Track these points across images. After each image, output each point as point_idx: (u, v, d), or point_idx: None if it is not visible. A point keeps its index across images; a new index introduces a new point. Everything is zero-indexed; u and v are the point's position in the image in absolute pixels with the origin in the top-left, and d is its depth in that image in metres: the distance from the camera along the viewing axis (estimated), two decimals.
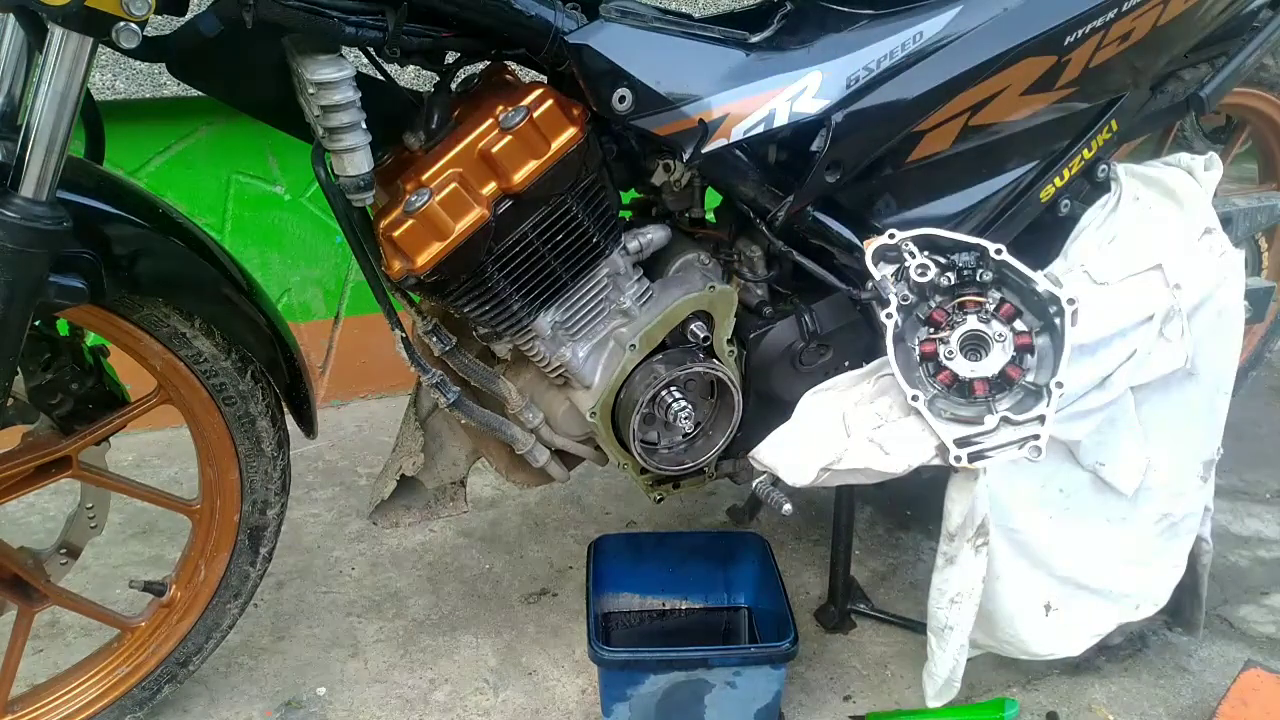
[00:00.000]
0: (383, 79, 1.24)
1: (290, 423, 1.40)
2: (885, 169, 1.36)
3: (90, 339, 1.29)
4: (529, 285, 1.25)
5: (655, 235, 1.36)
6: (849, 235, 1.36)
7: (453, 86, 1.25)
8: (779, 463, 1.28)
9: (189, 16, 1.08)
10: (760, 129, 1.24)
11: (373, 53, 1.17)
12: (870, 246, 1.27)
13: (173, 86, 1.95)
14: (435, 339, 1.31)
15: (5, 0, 0.98)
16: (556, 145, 1.17)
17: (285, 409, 1.38)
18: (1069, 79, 1.37)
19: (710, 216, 1.46)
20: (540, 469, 1.44)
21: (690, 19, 1.31)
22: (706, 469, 1.49)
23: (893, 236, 1.27)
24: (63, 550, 1.39)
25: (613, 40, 1.17)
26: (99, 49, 1.00)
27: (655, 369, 1.35)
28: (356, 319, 2.36)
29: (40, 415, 1.28)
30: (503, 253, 1.20)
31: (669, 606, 1.67)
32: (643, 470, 1.44)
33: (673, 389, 1.36)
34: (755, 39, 1.28)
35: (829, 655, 1.64)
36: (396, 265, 1.18)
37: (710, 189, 1.40)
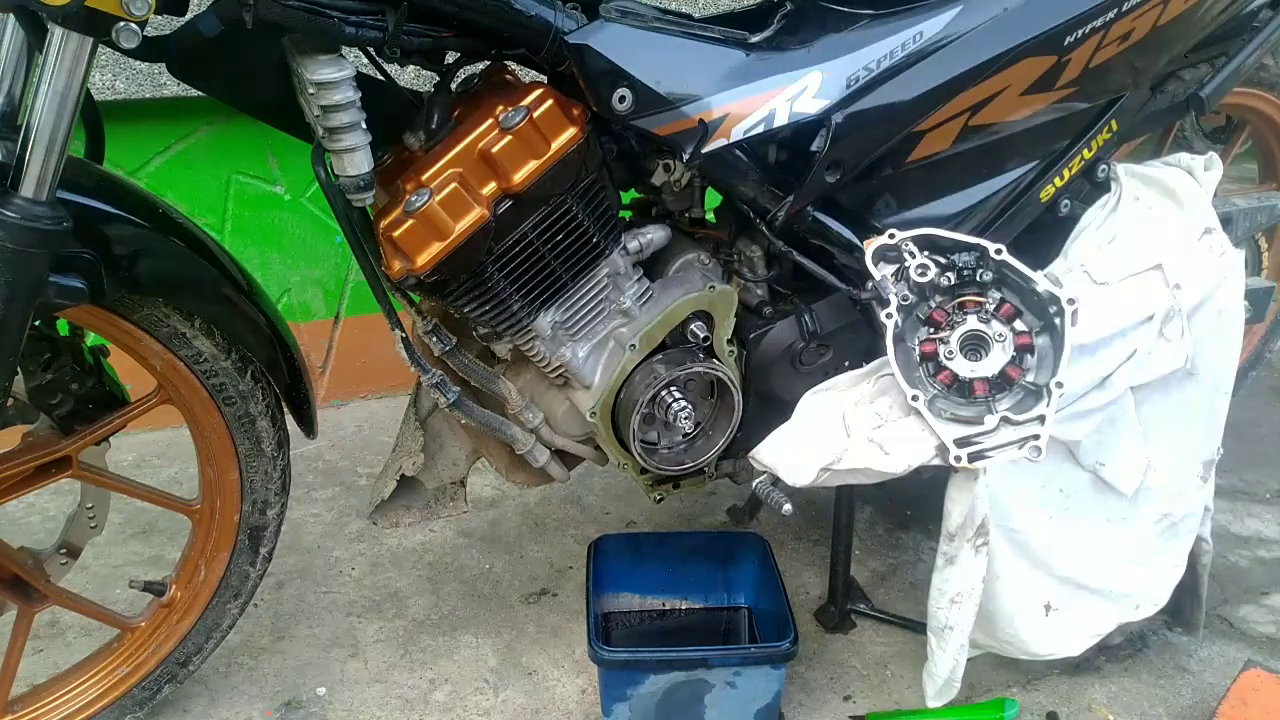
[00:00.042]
0: (383, 79, 1.24)
1: (290, 423, 1.40)
2: (885, 169, 1.36)
3: (90, 339, 1.29)
4: (529, 285, 1.25)
5: (655, 235, 1.36)
6: (849, 235, 1.36)
7: (453, 86, 1.25)
8: (779, 463, 1.28)
9: (189, 16, 1.08)
10: (760, 129, 1.24)
11: (373, 53, 1.17)
12: (870, 246, 1.27)
13: (173, 86, 1.95)
14: (435, 339, 1.31)
15: (5, 1, 0.98)
16: (556, 145, 1.17)
17: (285, 409, 1.38)
18: (1069, 79, 1.37)
19: (710, 216, 1.46)
20: (540, 469, 1.44)
21: (690, 19, 1.31)
22: (706, 469, 1.49)
23: (893, 236, 1.27)
24: (63, 550, 1.39)
25: (613, 40, 1.17)
26: (99, 49, 1.00)
27: (655, 369, 1.35)
28: (356, 319, 2.36)
29: (40, 415, 1.28)
30: (503, 253, 1.21)
31: (669, 606, 1.67)
32: (643, 470, 1.44)
33: (673, 389, 1.36)
34: (755, 39, 1.28)
35: (829, 655, 1.64)
36: (396, 265, 1.18)
37: (710, 189, 1.40)
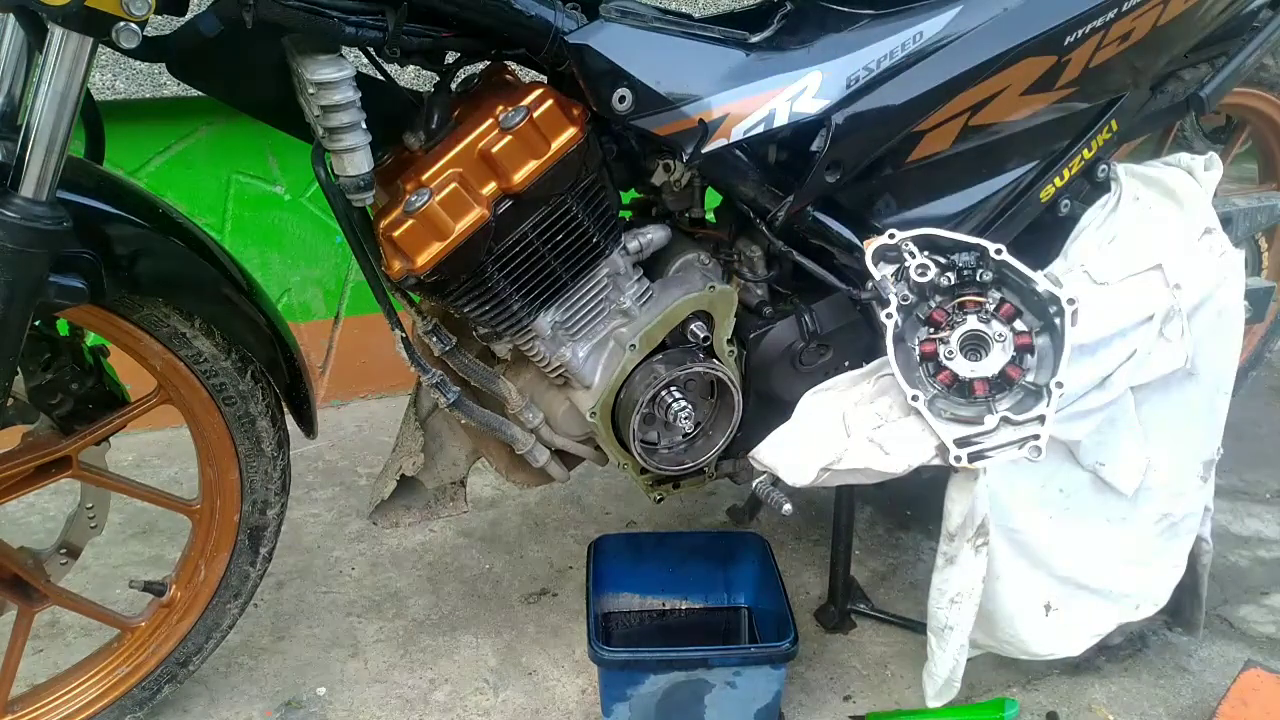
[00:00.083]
0: (383, 79, 1.24)
1: (290, 423, 1.40)
2: (885, 169, 1.36)
3: (90, 339, 1.29)
4: (529, 285, 1.25)
5: (655, 235, 1.36)
6: (849, 235, 1.36)
7: (453, 86, 1.25)
8: (779, 463, 1.28)
9: (189, 16, 1.08)
10: (760, 129, 1.24)
11: (373, 53, 1.17)
12: (870, 246, 1.27)
13: (173, 86, 1.95)
14: (435, 339, 1.31)
15: (5, 1, 0.98)
16: (556, 145, 1.17)
17: (285, 409, 1.38)
18: (1069, 79, 1.37)
19: (710, 216, 1.46)
20: (540, 469, 1.44)
21: (690, 19, 1.31)
22: (706, 469, 1.48)
23: (893, 236, 1.27)
24: (63, 550, 1.39)
25: (613, 40, 1.17)
26: (99, 49, 1.00)
27: (655, 369, 1.35)
28: (356, 319, 2.36)
29: (40, 415, 1.28)
30: (503, 253, 1.20)
31: (669, 606, 1.67)
32: (643, 470, 1.44)
33: (673, 389, 1.36)
34: (755, 39, 1.28)
35: (829, 655, 1.64)
36: (396, 265, 1.18)
37: (710, 189, 1.40)
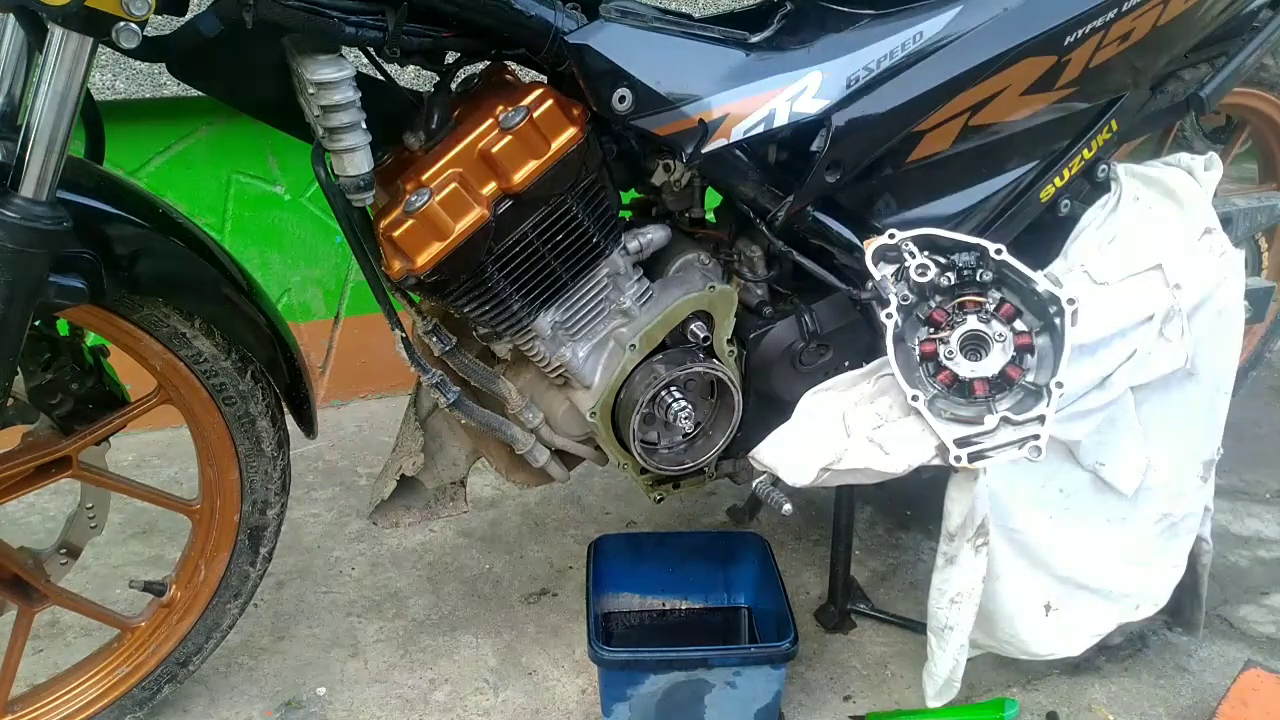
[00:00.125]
0: (383, 79, 1.24)
1: (290, 423, 1.40)
2: (885, 169, 1.36)
3: (90, 339, 1.29)
4: (529, 285, 1.25)
5: (655, 235, 1.36)
6: (849, 235, 1.35)
7: (453, 86, 1.25)
8: (779, 463, 1.28)
9: (189, 16, 1.08)
10: (760, 129, 1.24)
11: (373, 53, 1.17)
12: (870, 246, 1.27)
13: (173, 86, 1.95)
14: (435, 339, 1.31)
15: (5, 1, 0.98)
16: (556, 145, 1.17)
17: (285, 409, 1.38)
18: (1069, 79, 1.37)
19: (710, 216, 1.46)
20: (540, 469, 1.44)
21: (690, 19, 1.31)
22: (706, 469, 1.48)
23: (893, 236, 1.27)
24: (63, 550, 1.39)
25: (613, 40, 1.17)
26: (99, 49, 1.00)
27: (655, 369, 1.35)
28: (356, 319, 2.36)
29: (40, 415, 1.28)
30: (503, 253, 1.20)
31: (669, 606, 1.67)
32: (643, 470, 1.44)
33: (673, 389, 1.36)
34: (755, 39, 1.28)
35: (829, 655, 1.64)
36: (396, 265, 1.18)
37: (710, 189, 1.40)
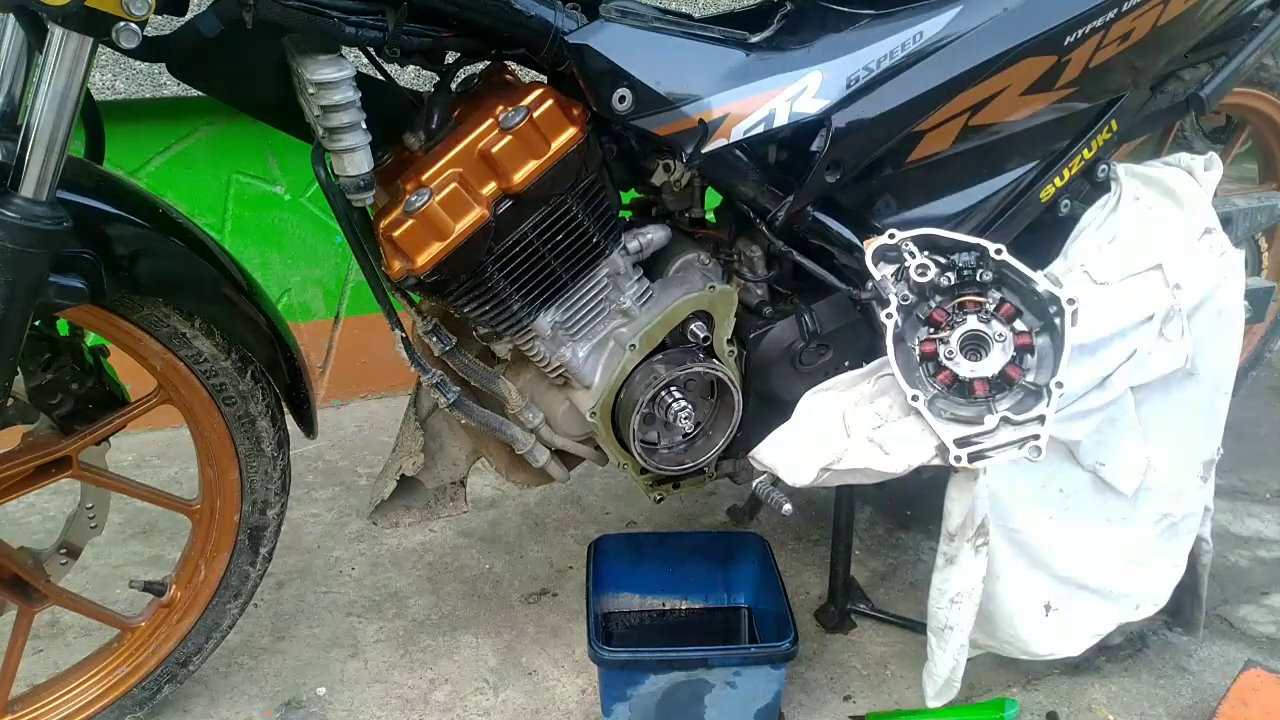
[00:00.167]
0: (383, 79, 1.24)
1: (290, 423, 1.40)
2: (885, 169, 1.36)
3: (90, 339, 1.29)
4: (529, 285, 1.25)
5: (655, 235, 1.36)
6: (849, 235, 1.35)
7: (453, 86, 1.25)
8: (779, 463, 1.28)
9: (189, 16, 1.08)
10: (760, 129, 1.24)
11: (373, 53, 1.17)
12: (870, 246, 1.27)
13: (173, 86, 1.95)
14: (435, 339, 1.31)
15: (5, 1, 0.98)
16: (556, 145, 1.17)
17: (285, 409, 1.38)
18: (1069, 79, 1.37)
19: (710, 216, 1.46)
20: (540, 469, 1.44)
21: (690, 19, 1.31)
22: (706, 469, 1.48)
23: (893, 236, 1.27)
24: (63, 550, 1.39)
25: (613, 40, 1.17)
26: (99, 49, 1.00)
27: (655, 369, 1.35)
28: (356, 319, 2.36)
29: (40, 415, 1.28)
30: (503, 253, 1.20)
31: (669, 606, 1.67)
32: (643, 470, 1.44)
33: (673, 389, 1.36)
34: (755, 39, 1.28)
35: (829, 655, 1.64)
36: (396, 265, 1.18)
37: (710, 189, 1.40)
